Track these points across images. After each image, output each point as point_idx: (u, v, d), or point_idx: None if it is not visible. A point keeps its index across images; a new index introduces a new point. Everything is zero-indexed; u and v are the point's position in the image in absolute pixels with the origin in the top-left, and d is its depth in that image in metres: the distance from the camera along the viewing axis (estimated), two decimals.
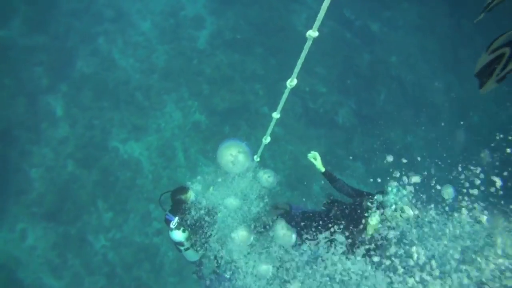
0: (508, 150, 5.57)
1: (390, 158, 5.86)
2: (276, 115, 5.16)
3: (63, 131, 14.47)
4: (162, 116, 15.37)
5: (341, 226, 5.61)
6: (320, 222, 5.92)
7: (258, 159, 6.18)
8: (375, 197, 5.52)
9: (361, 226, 5.56)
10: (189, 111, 15.53)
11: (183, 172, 14.28)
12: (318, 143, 15.90)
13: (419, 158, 17.20)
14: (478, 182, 5.29)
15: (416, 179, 5.35)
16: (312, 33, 3.61)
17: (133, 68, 16.09)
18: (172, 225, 6.01)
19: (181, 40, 16.88)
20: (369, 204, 5.47)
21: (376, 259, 5.42)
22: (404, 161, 6.19)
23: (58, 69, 15.16)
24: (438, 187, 5.29)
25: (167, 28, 17.09)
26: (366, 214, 5.50)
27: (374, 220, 5.42)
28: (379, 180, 6.16)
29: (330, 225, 5.74)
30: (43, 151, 14.02)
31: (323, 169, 6.34)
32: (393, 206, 5.27)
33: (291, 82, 4.43)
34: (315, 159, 6.39)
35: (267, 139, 5.69)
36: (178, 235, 6.03)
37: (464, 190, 5.18)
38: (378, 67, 17.50)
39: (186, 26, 17.29)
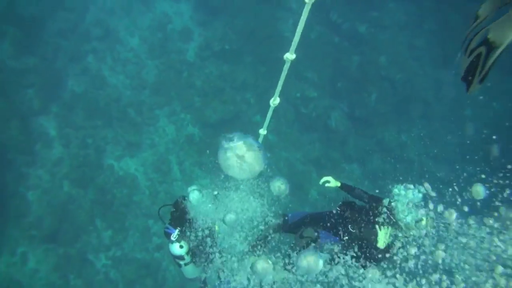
0: None
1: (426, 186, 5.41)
2: (263, 131, 5.32)
3: (57, 151, 14.69)
4: (155, 131, 15.65)
5: (353, 229, 5.67)
6: (332, 222, 5.95)
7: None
8: (384, 202, 5.56)
9: (372, 237, 5.55)
10: (182, 125, 15.82)
11: (180, 186, 14.56)
12: (312, 148, 16.20)
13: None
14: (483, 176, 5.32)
15: (427, 186, 5.27)
16: (290, 56, 3.78)
17: (123, 84, 16.36)
18: (172, 237, 5.94)
19: (170, 53, 17.18)
20: (383, 215, 5.44)
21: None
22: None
23: (49, 90, 15.37)
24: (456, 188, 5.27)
25: (156, 42, 17.38)
26: (377, 223, 5.50)
27: (382, 233, 5.45)
28: (379, 182, 6.40)
29: (342, 226, 5.83)
30: (38, 173, 14.22)
31: (339, 184, 6.38)
32: (407, 214, 5.25)
33: (274, 101, 4.60)
34: (329, 181, 6.40)
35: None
36: (178, 249, 5.92)
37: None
38: (368, 68, 17.79)
39: (174, 40, 17.59)
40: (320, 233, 6.00)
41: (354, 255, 5.62)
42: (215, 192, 5.99)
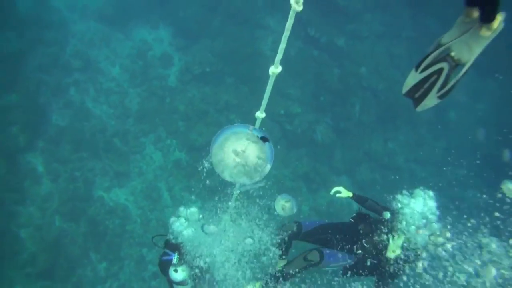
0: None
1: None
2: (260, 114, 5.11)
3: (46, 187, 14.91)
4: (142, 159, 15.98)
5: (367, 244, 5.78)
6: (344, 235, 6.01)
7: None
8: (384, 214, 5.67)
9: (380, 246, 5.64)
10: (168, 150, 16.17)
11: (171, 212, 14.80)
12: (300, 163, 16.57)
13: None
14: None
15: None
16: (275, 70, 3.77)
17: (107, 115, 16.68)
18: (174, 261, 5.84)
19: (152, 80, 17.57)
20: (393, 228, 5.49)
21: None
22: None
23: (33, 126, 15.60)
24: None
25: (137, 70, 17.77)
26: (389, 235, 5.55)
27: (393, 245, 5.50)
28: (371, 192, 6.52)
29: (355, 240, 5.90)
30: (29, 210, 14.41)
31: (351, 194, 6.50)
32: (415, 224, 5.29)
33: (261, 115, 4.51)
34: (340, 192, 6.54)
35: None
36: (181, 273, 5.81)
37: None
38: (349, 80, 18.26)
39: (155, 66, 17.98)
40: (325, 255, 5.83)
41: (366, 271, 5.78)
42: (203, 224, 5.94)
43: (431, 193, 5.38)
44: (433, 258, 5.33)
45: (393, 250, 5.55)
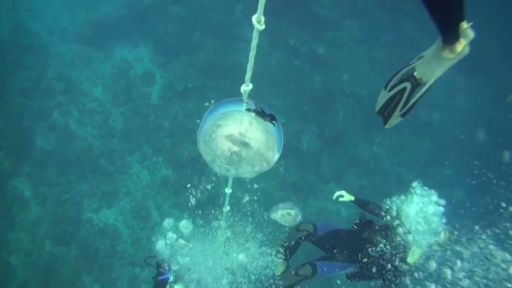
0: None
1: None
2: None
3: (34, 212, 14.99)
4: (129, 178, 16.14)
5: (372, 252, 5.75)
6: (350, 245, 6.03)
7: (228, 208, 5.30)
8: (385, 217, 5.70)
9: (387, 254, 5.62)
10: (155, 168, 16.35)
11: (161, 229, 14.96)
12: (288, 173, 16.79)
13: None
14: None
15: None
16: (246, 88, 3.00)
17: (92, 135, 16.83)
18: (171, 279, 5.87)
19: (135, 99, 17.79)
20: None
21: None
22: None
23: (18, 151, 15.71)
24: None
25: (119, 89, 17.98)
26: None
27: (416, 253, 5.46)
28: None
29: (361, 249, 5.88)
30: (18, 236, 14.49)
31: (352, 198, 6.57)
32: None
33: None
34: (342, 196, 6.61)
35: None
36: None
37: None
38: (331, 87, 18.57)
39: (137, 85, 18.21)
40: (318, 268, 5.87)
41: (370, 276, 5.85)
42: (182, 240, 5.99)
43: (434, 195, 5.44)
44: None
45: (413, 258, 5.55)
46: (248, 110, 3.21)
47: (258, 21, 2.76)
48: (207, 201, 12.82)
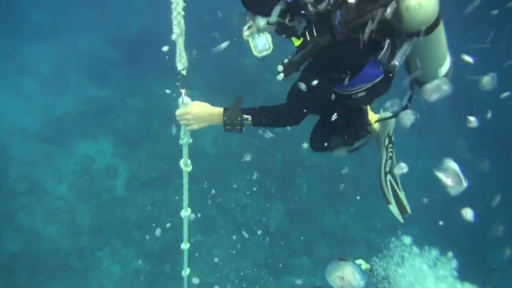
0: None
1: None
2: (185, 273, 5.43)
3: None
4: (101, 274, 16.48)
5: None
6: None
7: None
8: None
9: None
10: (126, 261, 16.76)
11: None
12: (258, 252, 17.45)
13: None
14: None
15: None
16: (185, 213, 4.37)
17: (60, 234, 17.16)
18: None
19: (100, 194, 18.33)
20: None
21: None
22: None
23: None
24: None
25: (84, 185, 18.50)
26: None
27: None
28: None
29: None
30: None
31: None
32: None
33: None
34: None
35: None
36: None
37: None
38: (292, 161, 19.54)
39: (101, 179, 18.79)
40: None
41: None
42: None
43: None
44: None
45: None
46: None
47: (185, 164, 3.78)
48: None
